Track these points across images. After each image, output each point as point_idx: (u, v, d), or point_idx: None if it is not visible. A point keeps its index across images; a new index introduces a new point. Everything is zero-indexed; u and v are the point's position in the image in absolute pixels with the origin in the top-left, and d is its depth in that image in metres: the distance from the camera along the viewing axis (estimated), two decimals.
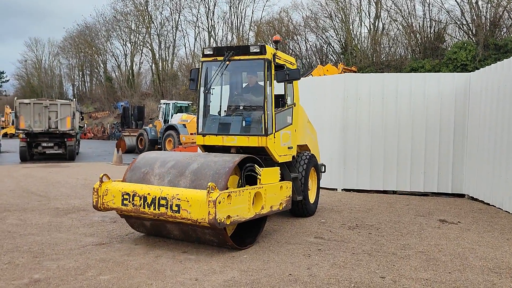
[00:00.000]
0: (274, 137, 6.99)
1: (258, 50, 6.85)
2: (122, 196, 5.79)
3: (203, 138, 7.21)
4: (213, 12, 47.36)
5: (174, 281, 4.71)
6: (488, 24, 26.83)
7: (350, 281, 4.78)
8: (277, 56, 7.10)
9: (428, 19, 29.09)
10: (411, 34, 29.71)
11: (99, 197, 6.06)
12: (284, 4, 65.16)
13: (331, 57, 34.76)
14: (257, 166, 6.17)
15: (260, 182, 6.08)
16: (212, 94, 7.39)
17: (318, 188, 8.84)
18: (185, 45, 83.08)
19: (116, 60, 59.88)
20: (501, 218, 8.33)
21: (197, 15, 52.29)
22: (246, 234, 6.30)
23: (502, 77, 9.34)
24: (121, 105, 47.91)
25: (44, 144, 20.45)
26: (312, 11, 35.00)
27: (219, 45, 46.11)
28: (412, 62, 27.27)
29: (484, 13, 26.85)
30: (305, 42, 36.82)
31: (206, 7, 47.10)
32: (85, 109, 56.14)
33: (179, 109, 26.53)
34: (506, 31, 26.81)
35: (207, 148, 7.38)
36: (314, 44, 36.09)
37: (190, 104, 27.87)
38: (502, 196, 9.10)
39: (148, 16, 51.80)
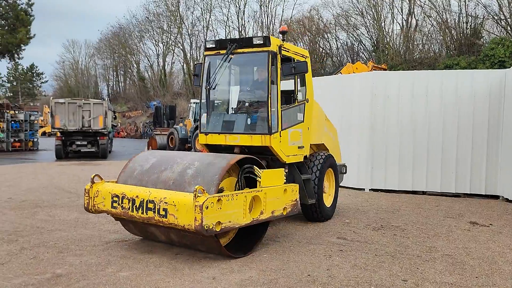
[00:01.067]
0: (280, 136, 6.56)
1: (262, 42, 6.41)
2: (112, 198, 5.47)
3: (205, 136, 6.87)
4: (244, 11, 47.45)
5: (192, 279, 4.72)
6: None
7: (370, 284, 4.67)
8: (283, 48, 6.63)
9: (464, 15, 28.21)
10: (446, 30, 28.88)
11: (90, 199, 5.73)
12: (315, 2, 64.52)
13: (362, 55, 34.24)
14: (256, 167, 5.72)
15: (260, 185, 5.64)
16: (216, 90, 7.00)
17: (337, 191, 8.26)
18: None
19: (148, 60, 60.98)
20: None
21: (228, 15, 52.60)
22: (250, 239, 5.90)
23: None
24: (154, 105, 48.71)
25: (78, 143, 21.04)
26: (343, 8, 34.59)
27: None
28: (446, 59, 26.51)
29: None
30: (336, 40, 36.44)
31: (236, 6, 47.30)
32: (118, 109, 57.41)
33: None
34: None
35: (211, 148, 7.00)
36: (345, 42, 35.68)
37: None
38: None
39: (180, 16, 52.47)
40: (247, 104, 6.94)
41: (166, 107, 39.96)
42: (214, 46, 6.82)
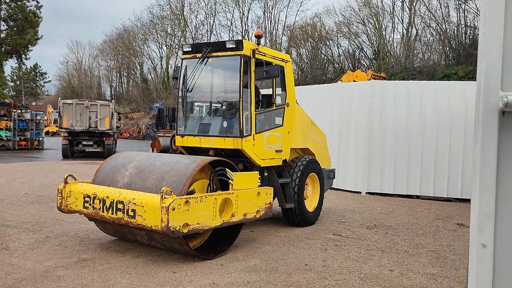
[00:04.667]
0: (254, 139, 6.65)
1: (234, 46, 6.50)
2: (84, 198, 5.54)
3: (181, 139, 6.95)
4: (247, 16, 48.27)
5: (202, 265, 5.31)
6: None
7: (360, 272, 5.26)
8: (258, 52, 6.70)
9: (463, 25, 28.89)
10: (445, 40, 29.55)
11: (63, 199, 5.81)
12: (317, 9, 65.43)
13: (364, 62, 34.90)
14: (228, 170, 5.80)
15: (232, 188, 5.71)
16: (192, 92, 7.08)
17: (322, 196, 8.21)
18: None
19: (152, 63, 61.72)
20: None
21: (231, 19, 53.29)
22: (219, 241, 6.00)
23: None
24: (156, 106, 49.21)
25: (84, 143, 21.66)
26: (345, 16, 35.27)
27: None
28: (445, 68, 27.15)
29: None
30: (338, 47, 37.12)
31: (240, 11, 48.11)
32: (121, 110, 58.01)
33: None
34: None
35: (189, 150, 7.07)
36: (346, 49, 36.36)
37: None
38: None
39: (184, 20, 53.23)
40: (222, 107, 7.07)
41: (169, 109, 40.47)
42: (190, 49, 6.95)
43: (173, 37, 56.98)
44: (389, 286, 4.83)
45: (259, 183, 6.23)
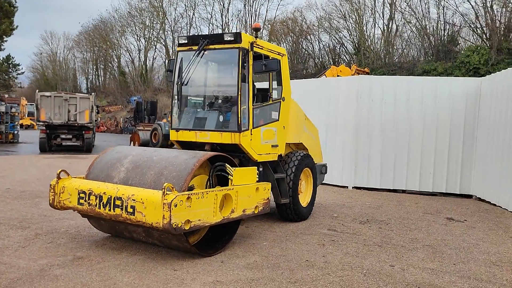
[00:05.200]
0: (251, 134, 6.53)
1: (233, 38, 6.34)
2: (78, 194, 5.34)
3: (176, 133, 6.79)
4: (228, 9, 47.90)
5: (203, 262, 5.20)
6: (503, 28, 26.99)
7: (362, 268, 5.24)
8: (256, 45, 6.57)
9: (442, 22, 29.31)
10: (425, 37, 29.93)
11: (56, 195, 5.58)
12: (298, 3, 65.38)
13: (344, 57, 35.08)
14: (228, 165, 5.68)
15: (231, 183, 5.59)
16: (188, 86, 6.91)
17: (315, 191, 8.19)
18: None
19: (130, 55, 60.71)
20: (506, 218, 8.71)
21: (212, 13, 52.91)
22: (222, 237, 5.88)
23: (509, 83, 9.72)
24: (134, 100, 48.59)
25: (63, 136, 21.12)
26: (326, 11, 35.35)
27: None
28: (425, 64, 27.52)
29: (499, 17, 27.02)
30: (319, 42, 37.21)
31: (220, 4, 47.67)
32: (98, 103, 56.95)
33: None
34: None
35: (183, 145, 6.91)
36: (327, 44, 36.48)
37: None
38: (509, 197, 9.46)
39: (163, 12, 52.46)
40: (219, 101, 6.88)
41: (147, 103, 39.94)
42: (186, 42, 6.76)
43: (151, 30, 56.15)
44: (392, 282, 4.82)
45: (257, 179, 6.15)
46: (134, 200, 4.90)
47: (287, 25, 37.43)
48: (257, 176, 6.21)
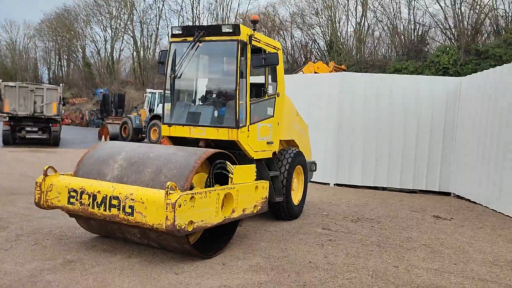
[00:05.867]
0: (248, 130, 6.27)
1: (231, 30, 6.03)
2: (69, 193, 4.96)
3: (169, 128, 6.45)
4: (199, 2, 47.15)
5: (204, 265, 4.94)
6: (470, 29, 27.74)
7: (367, 269, 5.12)
8: (254, 38, 6.29)
9: (413, 22, 29.83)
10: (396, 36, 30.39)
11: (42, 193, 5.17)
12: None
13: (316, 54, 35.21)
14: (229, 163, 5.48)
15: (231, 182, 5.36)
16: (181, 79, 6.59)
17: (305, 189, 8.05)
18: (168, 34, 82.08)
19: (95, 46, 58.90)
20: (489, 216, 8.85)
21: (182, 5, 51.99)
22: (214, 238, 5.60)
23: (492, 83, 9.88)
24: (100, 92, 47.32)
25: (28, 129, 20.14)
26: (299, 7, 35.34)
27: None
28: (396, 63, 27.94)
29: (467, 18, 27.75)
30: (291, 38, 37.18)
31: None
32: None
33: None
34: (487, 37, 27.78)
35: (175, 140, 6.58)
36: (299, 40, 36.50)
37: None
38: (489, 195, 9.63)
39: (130, 2, 51.11)
40: (214, 95, 6.61)
41: (115, 96, 38.95)
42: (180, 32, 6.43)
43: (118, 20, 54.62)
44: (402, 284, 4.72)
45: (255, 177, 5.93)
46: (133, 199, 4.58)
47: (260, 20, 37.18)
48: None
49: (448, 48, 26.10)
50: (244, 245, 5.81)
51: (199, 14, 46.31)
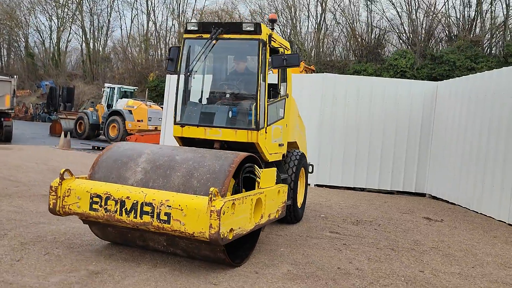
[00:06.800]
0: (266, 132, 6.10)
1: (253, 29, 5.87)
2: (91, 198, 4.60)
3: (181, 129, 6.15)
4: None
5: (236, 273, 4.73)
6: (423, 34, 28.92)
7: (397, 275, 5.11)
8: (273, 38, 6.16)
9: (370, 25, 30.66)
10: (354, 38, 31.11)
11: (59, 199, 4.78)
12: None
13: None
14: (256, 166, 5.31)
15: (258, 186, 5.20)
16: (193, 77, 6.40)
17: (306, 191, 8.03)
18: (121, 27, 79.43)
19: (40, 35, 55.84)
20: (474, 217, 9.20)
21: None
22: (237, 245, 5.27)
23: (468, 88, 10.34)
24: (46, 85, 45.02)
25: None
26: (260, 5, 35.32)
27: (157, 29, 44.85)
28: (356, 65, 28.61)
29: (421, 24, 28.91)
30: None
31: None
32: None
33: (124, 94, 25.58)
34: (440, 42, 29.08)
35: (186, 142, 6.33)
36: None
37: (135, 90, 26.96)
38: (469, 197, 10.02)
39: None
40: (229, 95, 6.37)
41: (63, 89, 37.19)
42: (196, 28, 6.14)
43: (65, 9, 52.06)
44: None
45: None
46: (170, 206, 4.28)
47: (219, 16, 36.80)
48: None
49: (405, 52, 27.06)
50: (264, 251, 5.63)
51: (154, 7, 45.13)
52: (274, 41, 6.29)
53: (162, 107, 24.84)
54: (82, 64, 51.19)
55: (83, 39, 50.24)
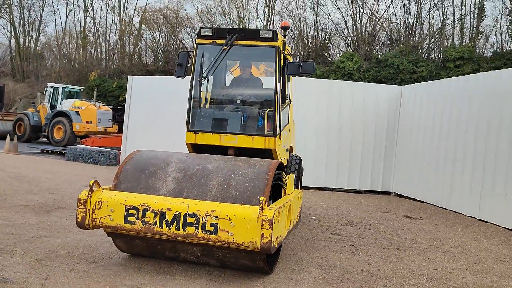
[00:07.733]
0: (280, 138, 6.21)
1: (270, 36, 5.91)
2: (126, 211, 4.42)
3: (195, 135, 6.07)
4: None
5: (271, 280, 4.73)
6: (367, 38, 30.18)
7: (417, 274, 5.36)
8: (285, 45, 6.33)
9: (317, 28, 31.47)
10: (301, 41, 31.78)
11: (88, 212, 4.54)
12: None
13: None
14: (284, 173, 5.39)
15: (285, 193, 5.31)
16: (207, 83, 6.37)
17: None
18: (55, 22, 75.06)
19: None
20: (446, 214, 9.80)
21: None
22: None
23: (433, 92, 11.05)
24: None
25: None
26: (207, 6, 35.02)
27: (96, 24, 43.00)
28: None
29: (365, 28, 30.14)
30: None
31: None
32: None
33: (69, 95, 24.32)
34: (382, 46, 30.49)
35: (198, 148, 6.22)
36: None
37: (82, 90, 25.74)
38: (439, 195, 10.65)
39: None
40: (245, 102, 6.42)
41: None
42: (210, 34, 6.10)
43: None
44: (461, 286, 5.04)
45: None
46: (216, 217, 4.21)
47: (164, 15, 36.01)
48: None
49: (352, 56, 28.08)
50: (284, 257, 5.64)
51: (92, 3, 43.22)
52: (285, 49, 6.39)
53: (111, 108, 24.13)
54: (11, 60, 47.94)
55: (12, 34, 47.06)
